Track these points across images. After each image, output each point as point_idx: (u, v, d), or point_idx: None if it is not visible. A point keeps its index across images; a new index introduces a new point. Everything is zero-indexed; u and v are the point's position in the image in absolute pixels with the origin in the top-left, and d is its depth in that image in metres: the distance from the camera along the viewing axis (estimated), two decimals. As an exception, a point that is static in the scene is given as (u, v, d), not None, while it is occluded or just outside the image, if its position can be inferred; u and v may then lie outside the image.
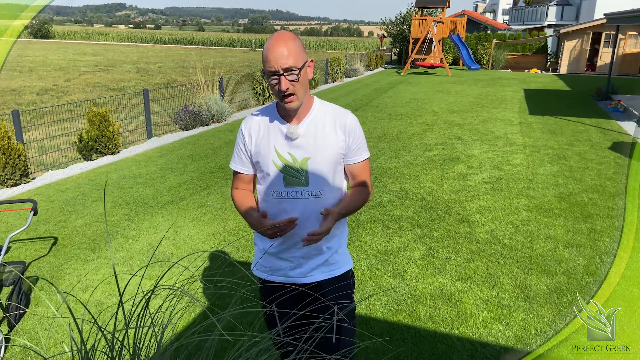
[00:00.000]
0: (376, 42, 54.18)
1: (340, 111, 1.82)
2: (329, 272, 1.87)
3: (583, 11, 27.42)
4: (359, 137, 1.81)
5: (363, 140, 1.84)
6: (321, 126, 1.77)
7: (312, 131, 1.76)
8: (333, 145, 1.77)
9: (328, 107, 1.83)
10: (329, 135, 1.77)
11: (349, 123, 1.79)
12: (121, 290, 1.41)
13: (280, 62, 1.63)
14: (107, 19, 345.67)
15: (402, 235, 4.30)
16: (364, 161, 1.85)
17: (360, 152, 1.83)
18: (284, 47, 1.63)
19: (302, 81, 1.69)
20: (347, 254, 1.96)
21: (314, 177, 1.77)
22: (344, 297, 1.86)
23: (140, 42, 57.92)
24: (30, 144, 7.32)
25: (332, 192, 1.81)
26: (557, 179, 5.90)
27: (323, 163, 1.76)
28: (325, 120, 1.78)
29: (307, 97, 1.76)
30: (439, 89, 15.22)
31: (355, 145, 1.81)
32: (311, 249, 1.82)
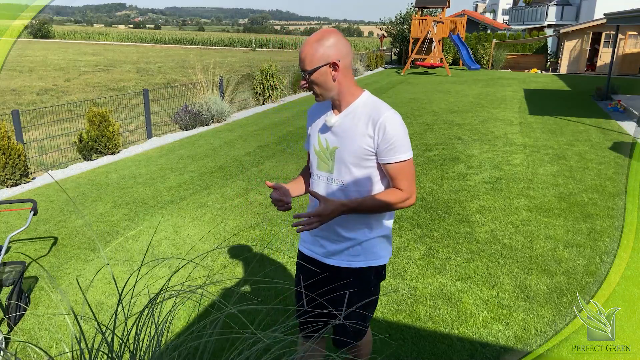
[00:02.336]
0: (376, 42, 54.16)
1: (379, 108, 1.83)
2: (347, 262, 1.92)
3: (583, 11, 27.42)
4: (391, 136, 1.78)
5: (399, 141, 1.79)
6: (356, 120, 1.83)
7: (346, 123, 1.84)
8: (360, 140, 1.81)
9: (371, 102, 1.86)
10: (359, 129, 1.81)
11: (382, 120, 1.78)
12: (120, 291, 1.40)
13: (301, 65, 1.81)
14: (107, 19, 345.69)
15: (402, 235, 4.30)
16: (397, 163, 1.81)
17: (392, 153, 1.80)
18: (302, 49, 1.79)
19: (319, 81, 1.79)
20: (378, 251, 1.94)
21: (338, 166, 1.86)
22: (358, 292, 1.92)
23: (140, 42, 57.93)
24: (30, 144, 7.32)
25: (356, 185, 1.85)
26: (557, 179, 5.90)
27: (348, 155, 1.83)
28: (362, 114, 1.83)
29: (351, 90, 1.85)
30: (439, 89, 15.22)
31: (386, 144, 1.79)
32: (331, 233, 1.91)
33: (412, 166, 1.85)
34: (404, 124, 1.84)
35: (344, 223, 1.89)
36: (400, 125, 1.81)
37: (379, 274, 2.00)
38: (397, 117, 1.82)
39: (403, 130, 1.82)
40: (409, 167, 1.83)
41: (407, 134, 1.84)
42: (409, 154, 1.82)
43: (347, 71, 1.83)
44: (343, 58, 1.80)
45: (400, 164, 1.81)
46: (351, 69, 1.86)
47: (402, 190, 1.84)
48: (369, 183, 1.86)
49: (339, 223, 1.89)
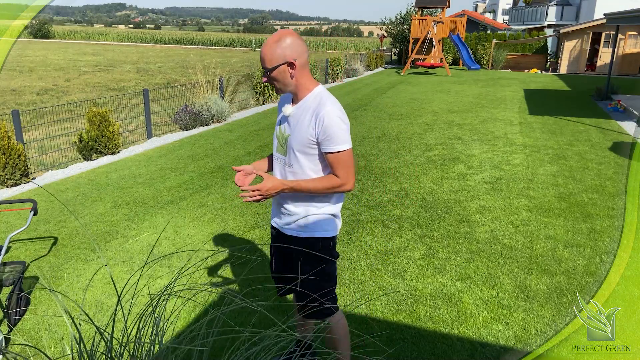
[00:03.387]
0: (376, 42, 54.18)
1: (323, 102, 2.05)
2: (297, 232, 2.20)
3: (583, 11, 27.42)
4: (328, 129, 2.01)
5: (334, 134, 2.02)
6: (305, 112, 2.07)
7: (298, 114, 2.10)
8: (305, 130, 2.06)
9: (319, 97, 2.08)
10: (305, 120, 2.06)
11: (322, 114, 2.01)
12: (120, 291, 1.41)
13: (262, 63, 2.03)
14: (107, 19, 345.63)
15: (402, 235, 4.30)
16: (333, 153, 2.04)
17: (328, 144, 2.03)
18: (262, 50, 2.02)
19: (279, 78, 2.03)
20: (324, 225, 2.18)
21: (289, 152, 2.13)
22: (309, 259, 2.18)
23: (140, 42, 57.92)
24: (30, 144, 7.32)
25: (301, 168, 2.11)
26: (557, 179, 5.90)
27: (296, 143, 2.09)
28: (310, 108, 2.07)
29: (306, 85, 2.08)
30: (439, 89, 15.22)
31: (323, 135, 2.02)
32: (284, 208, 2.21)
33: (348, 156, 2.07)
34: (342, 118, 2.06)
35: (292, 200, 2.17)
36: (337, 119, 2.03)
37: (327, 247, 2.20)
38: (336, 111, 2.03)
39: (340, 123, 2.04)
40: (345, 157, 2.06)
41: (344, 127, 2.05)
42: (345, 145, 2.05)
43: (304, 68, 2.06)
44: (299, 57, 2.02)
45: (336, 154, 2.05)
46: (307, 66, 2.09)
47: (339, 177, 2.08)
48: (313, 168, 2.12)
49: (288, 199, 2.18)
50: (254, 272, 3.64)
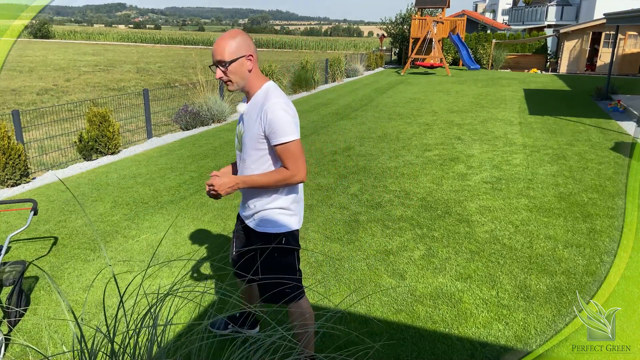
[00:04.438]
0: (376, 42, 54.16)
1: (268, 96, 2.15)
2: (255, 225, 2.31)
3: (583, 11, 27.43)
4: (273, 122, 2.08)
5: (279, 125, 2.08)
6: (254, 108, 2.18)
7: (249, 111, 2.21)
8: (254, 125, 2.16)
9: (267, 92, 2.17)
10: (255, 116, 2.15)
11: (266, 108, 2.10)
12: (121, 291, 1.40)
13: (218, 57, 2.10)
14: (107, 19, 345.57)
15: (402, 235, 4.30)
16: (280, 145, 2.11)
17: (274, 136, 2.10)
18: (220, 44, 2.10)
19: (237, 71, 2.12)
20: (277, 221, 2.27)
21: (245, 148, 2.23)
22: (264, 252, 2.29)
23: (140, 42, 57.91)
24: (31, 144, 7.33)
25: (253, 162, 2.21)
26: (557, 179, 5.90)
27: (248, 137, 2.19)
28: (258, 103, 2.17)
29: (257, 82, 2.19)
30: (439, 89, 15.22)
31: (269, 128, 2.10)
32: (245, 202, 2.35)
33: (296, 147, 2.12)
34: (287, 110, 2.11)
35: (249, 195, 2.29)
36: (281, 111, 2.09)
37: (280, 242, 2.28)
38: (280, 104, 2.10)
39: (284, 114, 2.09)
40: (293, 148, 2.11)
41: (289, 119, 2.10)
42: (291, 136, 2.10)
43: (256, 65, 2.19)
44: (253, 53, 2.15)
45: (282, 146, 2.11)
46: (257, 64, 2.21)
47: (288, 168, 2.14)
48: (265, 163, 2.20)
49: (247, 194, 2.30)
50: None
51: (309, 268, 3.70)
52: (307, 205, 5.00)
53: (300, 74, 14.40)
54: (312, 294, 3.32)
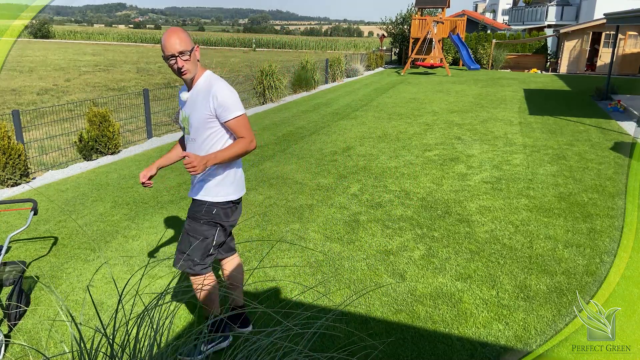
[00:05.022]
0: (376, 42, 54.15)
1: (212, 82, 2.45)
2: (192, 194, 2.61)
3: (583, 11, 27.42)
4: (223, 102, 2.39)
5: (230, 103, 2.40)
6: (199, 94, 2.46)
7: (194, 96, 2.48)
8: (202, 108, 2.43)
9: (210, 79, 2.47)
10: (202, 100, 2.44)
11: (213, 91, 2.40)
12: (120, 291, 1.41)
13: (176, 48, 2.35)
14: (107, 19, 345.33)
15: (402, 235, 4.30)
16: (232, 119, 2.42)
17: (227, 114, 2.41)
18: (176, 38, 2.35)
19: (193, 60, 2.41)
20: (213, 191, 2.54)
21: (192, 128, 2.51)
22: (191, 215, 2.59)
23: (141, 42, 57.91)
24: (31, 144, 7.32)
25: (203, 141, 2.49)
26: (557, 179, 5.90)
27: (196, 120, 2.47)
28: (202, 89, 2.46)
29: (199, 72, 2.48)
30: (439, 89, 15.22)
31: (220, 109, 2.40)
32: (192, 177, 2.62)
33: (245, 120, 2.47)
34: (232, 90, 2.44)
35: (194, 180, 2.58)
36: (228, 91, 2.42)
37: (210, 211, 2.54)
38: (225, 86, 2.43)
39: (231, 94, 2.42)
40: (243, 120, 2.46)
41: (235, 97, 2.43)
42: (240, 111, 2.43)
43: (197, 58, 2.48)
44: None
45: (235, 120, 2.43)
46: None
47: (245, 136, 2.46)
48: (214, 140, 2.48)
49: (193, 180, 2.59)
50: (254, 272, 3.64)
51: (309, 268, 3.70)
52: (307, 205, 5.00)
53: (301, 74, 14.40)
54: (312, 294, 3.32)
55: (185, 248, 2.55)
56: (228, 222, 2.59)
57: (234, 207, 2.61)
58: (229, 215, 2.59)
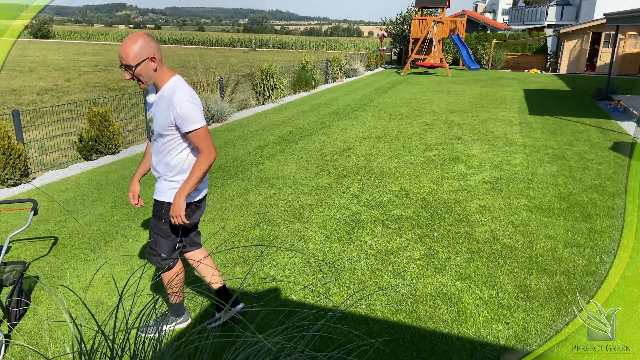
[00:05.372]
0: (376, 42, 54.16)
1: (176, 91, 2.47)
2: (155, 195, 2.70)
3: (583, 11, 27.42)
4: (182, 114, 2.43)
5: (188, 116, 2.44)
6: (163, 100, 2.50)
7: (158, 102, 2.53)
8: (163, 115, 2.49)
9: (174, 86, 2.50)
10: (164, 107, 2.48)
11: (174, 102, 2.44)
12: (120, 291, 1.41)
13: (122, 61, 2.40)
14: (108, 19, 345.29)
15: (402, 235, 4.30)
16: (191, 132, 2.48)
17: (186, 126, 2.46)
18: (124, 51, 2.37)
19: (143, 73, 2.42)
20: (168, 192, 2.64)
21: (155, 132, 2.57)
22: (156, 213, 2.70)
23: (140, 42, 57.75)
24: (31, 144, 7.32)
25: (164, 144, 2.56)
26: (557, 179, 5.90)
27: (157, 125, 2.53)
28: (166, 96, 2.49)
29: (164, 77, 2.50)
30: (439, 89, 15.22)
31: (179, 120, 2.45)
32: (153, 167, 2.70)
33: (205, 132, 2.50)
34: (192, 101, 2.46)
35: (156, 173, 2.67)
36: (187, 104, 2.44)
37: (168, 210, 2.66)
38: (186, 97, 2.45)
39: (191, 107, 2.45)
40: (202, 132, 2.49)
41: (196, 109, 2.47)
42: (198, 124, 2.47)
43: (161, 62, 2.48)
44: (156, 53, 2.43)
45: (193, 132, 2.48)
46: (162, 60, 2.50)
47: (202, 151, 2.51)
48: (175, 144, 2.56)
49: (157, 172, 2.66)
50: (254, 272, 3.65)
51: (309, 268, 3.70)
52: (307, 205, 5.00)
53: (301, 74, 14.40)
54: (312, 294, 3.32)
55: (153, 244, 2.72)
56: (190, 221, 2.71)
57: (196, 207, 2.73)
58: (189, 215, 2.70)
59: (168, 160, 2.59)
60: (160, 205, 2.66)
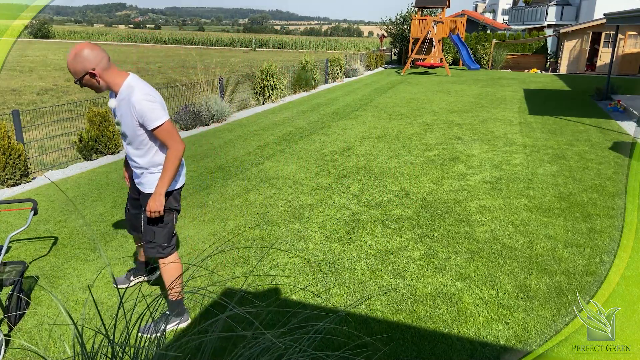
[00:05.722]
0: (376, 42, 54.15)
1: (133, 91, 2.53)
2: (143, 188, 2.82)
3: (583, 11, 27.43)
4: (142, 113, 2.51)
5: (149, 114, 2.52)
6: (123, 102, 2.58)
7: (120, 105, 2.61)
8: (128, 118, 2.58)
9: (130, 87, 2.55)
10: (126, 109, 2.57)
11: (132, 102, 2.52)
12: (121, 292, 1.41)
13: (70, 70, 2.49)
14: (107, 18, 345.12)
15: (402, 235, 4.30)
16: (155, 129, 2.56)
17: (149, 123, 2.54)
18: (70, 63, 2.45)
19: (89, 84, 2.51)
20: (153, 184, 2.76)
21: (126, 135, 2.68)
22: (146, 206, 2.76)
23: (140, 42, 57.92)
24: (31, 144, 7.32)
25: (138, 145, 2.68)
26: (557, 178, 5.90)
27: (125, 127, 2.64)
28: (125, 98, 2.56)
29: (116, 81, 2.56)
30: (439, 89, 15.22)
31: (142, 119, 2.53)
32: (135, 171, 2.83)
33: (169, 126, 2.58)
34: (151, 99, 2.53)
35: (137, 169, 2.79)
36: (146, 102, 2.51)
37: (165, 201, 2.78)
38: (143, 95, 2.51)
39: (150, 104, 2.52)
40: (167, 127, 2.57)
41: (156, 105, 2.54)
42: (162, 120, 2.55)
43: (107, 70, 2.52)
44: (97, 64, 2.47)
45: (157, 129, 2.55)
46: (111, 65, 2.54)
47: (169, 146, 2.60)
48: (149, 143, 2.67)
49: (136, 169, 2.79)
50: (254, 273, 3.65)
51: (309, 268, 3.70)
52: (307, 205, 5.01)
53: (300, 74, 14.40)
54: (312, 294, 3.32)
55: (150, 237, 2.80)
56: (180, 206, 2.90)
57: (178, 193, 2.89)
58: (178, 199, 2.87)
59: (150, 155, 2.70)
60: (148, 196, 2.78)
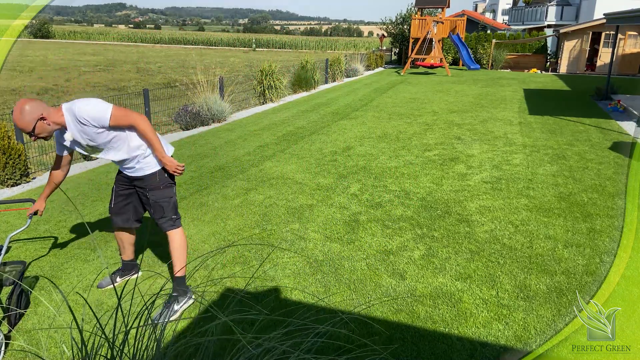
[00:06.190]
0: (376, 42, 54.15)
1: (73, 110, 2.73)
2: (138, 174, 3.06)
3: (583, 11, 27.43)
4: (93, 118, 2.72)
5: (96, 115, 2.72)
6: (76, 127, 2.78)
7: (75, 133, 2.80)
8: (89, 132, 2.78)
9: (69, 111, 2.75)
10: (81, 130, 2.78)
11: (78, 117, 2.72)
12: (120, 292, 1.41)
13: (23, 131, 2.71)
14: (107, 18, 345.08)
15: (402, 235, 4.30)
16: (111, 122, 2.76)
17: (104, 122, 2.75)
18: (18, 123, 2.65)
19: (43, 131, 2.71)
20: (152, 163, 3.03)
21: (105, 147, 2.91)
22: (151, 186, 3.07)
23: (141, 42, 57.91)
24: (31, 144, 7.32)
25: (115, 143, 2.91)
26: (557, 178, 5.90)
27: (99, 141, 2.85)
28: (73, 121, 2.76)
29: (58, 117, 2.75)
30: (439, 89, 15.22)
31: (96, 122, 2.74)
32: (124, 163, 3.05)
33: (119, 111, 2.78)
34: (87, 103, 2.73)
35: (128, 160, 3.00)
36: (85, 109, 2.71)
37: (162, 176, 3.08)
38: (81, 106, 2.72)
39: (90, 108, 2.72)
40: (119, 113, 2.78)
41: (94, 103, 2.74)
42: (109, 111, 2.75)
43: (50, 112, 2.72)
44: (43, 110, 2.69)
45: (112, 120, 2.76)
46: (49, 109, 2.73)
47: (134, 124, 2.84)
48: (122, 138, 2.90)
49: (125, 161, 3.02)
50: (254, 272, 3.64)
51: (309, 268, 3.70)
52: (307, 205, 5.00)
53: (300, 74, 14.40)
54: (312, 295, 3.32)
55: (161, 213, 3.09)
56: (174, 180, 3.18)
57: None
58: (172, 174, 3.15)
59: (127, 143, 2.92)
60: (153, 176, 3.04)
